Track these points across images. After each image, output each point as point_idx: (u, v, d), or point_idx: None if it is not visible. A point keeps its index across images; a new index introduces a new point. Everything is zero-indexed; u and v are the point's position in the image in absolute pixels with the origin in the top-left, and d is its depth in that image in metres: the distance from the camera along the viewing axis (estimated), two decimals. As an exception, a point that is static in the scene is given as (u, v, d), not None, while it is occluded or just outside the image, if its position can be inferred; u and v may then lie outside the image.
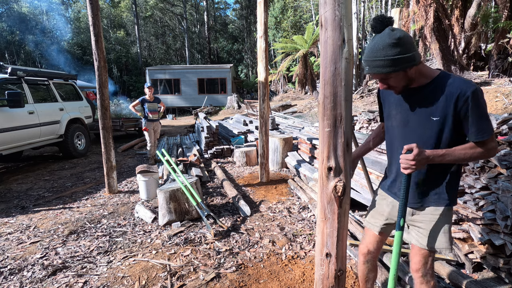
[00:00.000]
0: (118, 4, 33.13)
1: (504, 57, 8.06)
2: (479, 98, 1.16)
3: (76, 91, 7.66)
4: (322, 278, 1.51)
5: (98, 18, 3.89)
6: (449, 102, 1.19)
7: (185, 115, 19.67)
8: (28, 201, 4.14)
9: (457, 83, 1.19)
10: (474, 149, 1.21)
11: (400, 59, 1.19)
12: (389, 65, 1.20)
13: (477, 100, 1.16)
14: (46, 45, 23.96)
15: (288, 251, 2.59)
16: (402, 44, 1.18)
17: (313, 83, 15.11)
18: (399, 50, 1.18)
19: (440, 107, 1.22)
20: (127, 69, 28.58)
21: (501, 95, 5.94)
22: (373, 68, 1.25)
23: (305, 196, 3.73)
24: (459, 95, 1.17)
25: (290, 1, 24.97)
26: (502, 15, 8.04)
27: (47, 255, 2.65)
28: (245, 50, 32.86)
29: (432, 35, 7.22)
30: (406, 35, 1.20)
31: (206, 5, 33.99)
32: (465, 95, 1.16)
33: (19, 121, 5.39)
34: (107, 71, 4.10)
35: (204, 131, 6.80)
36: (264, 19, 4.10)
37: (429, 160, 1.23)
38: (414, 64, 1.21)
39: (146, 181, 3.94)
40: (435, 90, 1.24)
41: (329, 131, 1.36)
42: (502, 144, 2.19)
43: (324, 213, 1.45)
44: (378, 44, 1.21)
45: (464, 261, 2.10)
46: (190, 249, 2.65)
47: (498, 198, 1.87)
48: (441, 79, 1.24)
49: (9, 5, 25.61)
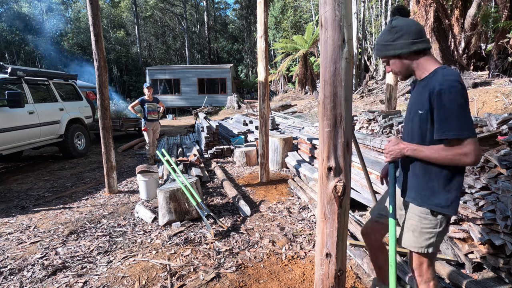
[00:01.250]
0: (118, 4, 33.12)
1: (504, 57, 8.07)
2: (447, 95, 1.15)
3: (76, 91, 7.66)
4: (322, 278, 1.52)
5: (98, 18, 3.89)
6: (428, 97, 1.22)
7: (185, 115, 19.67)
8: (28, 201, 4.14)
9: (437, 78, 1.21)
10: (446, 151, 1.20)
11: (388, 45, 1.32)
12: (381, 49, 1.36)
13: (443, 96, 1.15)
14: (46, 45, 23.95)
15: (288, 251, 2.59)
16: (394, 32, 1.30)
17: (313, 83, 15.11)
18: (390, 37, 1.31)
19: (424, 101, 1.24)
20: (127, 69, 28.58)
21: (501, 95, 5.94)
22: (375, 50, 1.41)
23: (305, 196, 3.73)
24: (433, 90, 1.19)
25: (290, 1, 24.97)
26: (502, 15, 8.05)
27: (47, 255, 2.65)
28: (245, 50, 32.86)
29: (432, 35, 7.22)
30: (403, 25, 1.29)
31: (206, 5, 33.99)
32: (434, 90, 1.18)
33: (19, 121, 5.39)
34: (107, 71, 4.10)
35: (204, 131, 6.80)
36: (264, 19, 4.10)
37: (404, 152, 1.30)
38: (403, 53, 1.29)
39: (146, 181, 3.94)
40: (426, 85, 1.25)
41: (329, 131, 1.36)
42: (502, 144, 2.19)
43: (324, 213, 1.45)
44: (383, 30, 1.37)
45: (464, 261, 2.10)
46: (190, 249, 2.65)
47: (498, 198, 1.87)
48: (434, 73, 1.25)
49: (9, 5, 25.60)
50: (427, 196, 1.31)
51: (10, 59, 24.62)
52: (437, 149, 1.22)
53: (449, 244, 2.20)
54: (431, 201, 1.30)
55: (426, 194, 1.31)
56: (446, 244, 2.21)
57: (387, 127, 3.95)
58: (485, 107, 5.95)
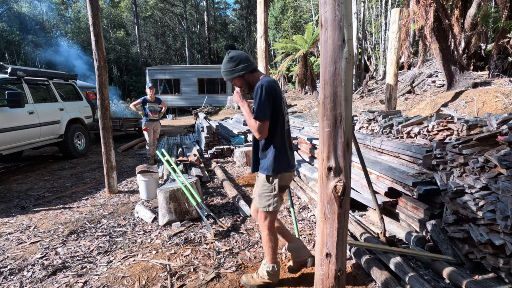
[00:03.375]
0: (118, 4, 33.10)
1: (504, 57, 8.07)
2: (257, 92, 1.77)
3: (76, 91, 7.66)
4: (322, 278, 1.52)
5: (98, 18, 3.89)
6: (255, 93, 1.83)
7: (185, 115, 19.67)
8: (28, 201, 4.14)
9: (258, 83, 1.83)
10: (251, 119, 1.81)
11: (232, 70, 1.89)
12: (228, 74, 1.91)
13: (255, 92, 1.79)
14: (46, 45, 23.94)
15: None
16: (233, 60, 1.88)
17: (313, 83, 15.10)
18: (231, 64, 1.88)
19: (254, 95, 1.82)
20: (127, 69, 28.57)
21: (501, 95, 5.94)
22: (223, 76, 1.96)
23: (305, 196, 3.73)
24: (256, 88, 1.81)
25: (290, 1, 24.96)
26: (502, 15, 8.05)
27: (47, 255, 2.65)
28: (245, 50, 32.85)
29: (432, 35, 7.21)
30: (237, 55, 1.88)
31: (206, 5, 33.98)
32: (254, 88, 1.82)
33: (19, 121, 5.39)
34: (107, 71, 4.10)
35: (204, 131, 6.80)
36: (264, 19, 4.10)
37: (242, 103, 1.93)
38: (241, 74, 1.88)
39: (146, 181, 3.94)
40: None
41: (329, 131, 1.36)
42: (502, 144, 2.19)
43: (324, 213, 1.45)
44: (223, 61, 1.94)
45: (464, 261, 2.10)
46: (190, 249, 2.65)
47: (498, 198, 1.87)
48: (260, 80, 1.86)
49: (9, 5, 25.58)
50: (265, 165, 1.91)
51: (10, 59, 24.62)
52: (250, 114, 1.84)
53: (449, 244, 2.20)
54: (266, 168, 1.90)
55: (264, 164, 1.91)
56: (446, 244, 2.21)
57: (387, 127, 3.95)
58: (485, 107, 5.95)
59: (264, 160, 1.90)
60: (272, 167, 1.86)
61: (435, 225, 2.31)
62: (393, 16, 5.54)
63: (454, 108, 6.47)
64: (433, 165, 2.54)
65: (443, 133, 3.11)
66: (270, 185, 1.90)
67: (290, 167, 1.95)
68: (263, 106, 1.75)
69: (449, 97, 7.02)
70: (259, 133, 1.78)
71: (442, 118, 3.33)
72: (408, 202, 2.67)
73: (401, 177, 2.67)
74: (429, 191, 2.41)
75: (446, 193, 2.26)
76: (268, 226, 1.99)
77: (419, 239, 2.37)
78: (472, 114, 5.92)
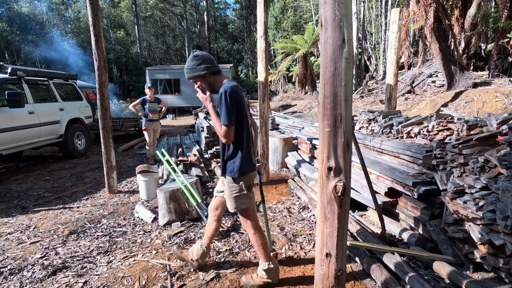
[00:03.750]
0: (118, 4, 33.09)
1: (504, 57, 8.07)
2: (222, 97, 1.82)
3: (76, 91, 7.66)
4: (322, 278, 1.52)
5: (98, 18, 3.89)
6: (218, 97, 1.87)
7: (185, 115, 19.66)
8: (28, 201, 4.14)
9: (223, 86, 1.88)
10: (218, 125, 1.87)
11: (194, 69, 1.92)
12: (189, 72, 1.95)
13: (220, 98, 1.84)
14: (46, 45, 23.93)
15: (288, 251, 2.59)
16: (197, 59, 1.91)
17: (313, 83, 15.10)
18: (194, 63, 1.92)
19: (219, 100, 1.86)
20: (127, 69, 28.55)
21: (501, 95, 5.94)
22: (185, 74, 1.99)
23: (305, 196, 3.73)
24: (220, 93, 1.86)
25: (290, 1, 24.94)
26: (502, 15, 8.04)
27: (47, 255, 2.65)
28: (245, 50, 32.85)
29: (432, 35, 7.21)
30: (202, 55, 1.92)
31: (206, 5, 33.97)
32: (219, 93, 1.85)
33: (19, 121, 5.39)
34: (107, 71, 4.10)
35: (204, 131, 6.80)
36: (264, 19, 4.10)
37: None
38: (202, 74, 1.92)
39: (146, 181, 3.94)
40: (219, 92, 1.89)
41: (329, 131, 1.36)
42: (502, 144, 2.19)
43: (324, 213, 1.45)
44: (187, 59, 1.97)
45: (464, 261, 2.10)
46: (190, 249, 2.65)
47: (498, 198, 1.87)
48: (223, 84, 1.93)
49: (9, 5, 25.58)
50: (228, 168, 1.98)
51: (10, 59, 24.62)
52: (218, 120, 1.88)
53: (449, 244, 2.20)
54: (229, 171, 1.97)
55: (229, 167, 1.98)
56: (446, 244, 2.21)
57: (387, 127, 3.95)
58: (485, 107, 5.95)
59: (231, 163, 1.97)
60: (239, 169, 1.94)
61: (435, 225, 2.31)
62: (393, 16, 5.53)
63: (454, 108, 6.46)
64: (433, 165, 2.54)
65: (443, 133, 3.10)
66: (238, 185, 1.98)
67: (254, 167, 2.07)
68: (229, 112, 1.80)
69: (449, 97, 7.02)
70: (226, 137, 1.85)
71: (442, 118, 3.33)
72: (408, 202, 2.67)
73: (401, 177, 2.67)
74: (429, 191, 2.42)
75: (446, 193, 2.26)
76: (253, 225, 2.07)
77: (419, 239, 2.38)
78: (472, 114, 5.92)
